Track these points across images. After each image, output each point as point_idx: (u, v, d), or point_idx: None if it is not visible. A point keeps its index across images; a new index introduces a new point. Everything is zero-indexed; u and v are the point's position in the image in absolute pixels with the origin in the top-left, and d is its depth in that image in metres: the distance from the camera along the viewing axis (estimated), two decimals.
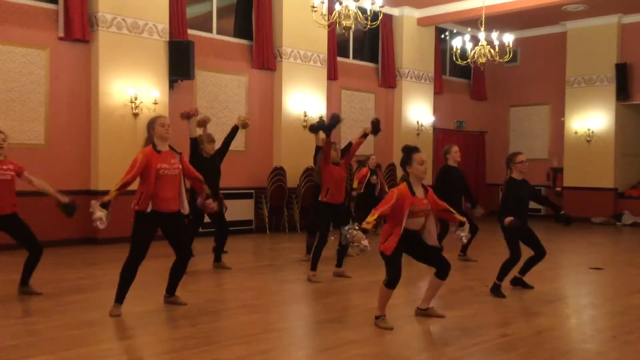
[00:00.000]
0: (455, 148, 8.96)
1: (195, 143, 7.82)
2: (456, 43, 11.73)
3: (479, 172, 17.80)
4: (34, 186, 6.45)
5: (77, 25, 10.07)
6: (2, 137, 6.22)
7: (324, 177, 7.48)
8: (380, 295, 5.40)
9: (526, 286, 7.11)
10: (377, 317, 5.43)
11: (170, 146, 5.66)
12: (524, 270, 7.09)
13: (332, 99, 14.05)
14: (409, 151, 5.42)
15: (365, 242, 4.96)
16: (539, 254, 6.94)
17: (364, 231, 5.01)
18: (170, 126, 5.60)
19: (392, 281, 5.27)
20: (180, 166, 5.64)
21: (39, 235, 6.60)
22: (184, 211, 5.74)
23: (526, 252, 6.84)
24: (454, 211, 5.67)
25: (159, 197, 5.47)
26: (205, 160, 7.85)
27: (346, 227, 5.05)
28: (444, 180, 8.79)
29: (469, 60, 11.80)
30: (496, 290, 6.76)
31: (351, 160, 8.68)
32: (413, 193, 5.26)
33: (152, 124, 5.62)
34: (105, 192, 11.06)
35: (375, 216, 5.14)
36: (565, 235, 12.93)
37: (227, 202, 12.26)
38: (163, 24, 10.97)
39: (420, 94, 15.69)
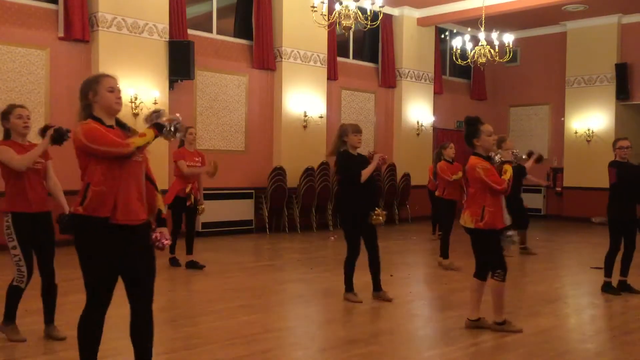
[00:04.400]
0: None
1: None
2: (456, 43, 11.74)
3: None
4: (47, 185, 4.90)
5: (77, 25, 10.07)
6: (27, 113, 4.80)
7: (440, 176, 8.51)
8: (497, 294, 5.16)
9: (632, 290, 6.86)
10: (501, 324, 5.23)
11: None
12: (624, 270, 6.90)
13: (332, 99, 14.05)
14: (475, 122, 5.19)
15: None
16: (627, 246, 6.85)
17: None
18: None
19: (504, 268, 5.12)
20: None
21: None
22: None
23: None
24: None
25: None
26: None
27: (508, 233, 5.10)
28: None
29: (469, 60, 11.81)
30: (606, 288, 6.85)
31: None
32: (488, 160, 5.17)
33: None
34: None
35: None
36: (565, 235, 12.93)
37: (227, 202, 12.35)
38: (163, 24, 10.97)
39: (420, 94, 15.69)
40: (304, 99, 13.10)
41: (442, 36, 15.73)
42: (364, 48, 15.30)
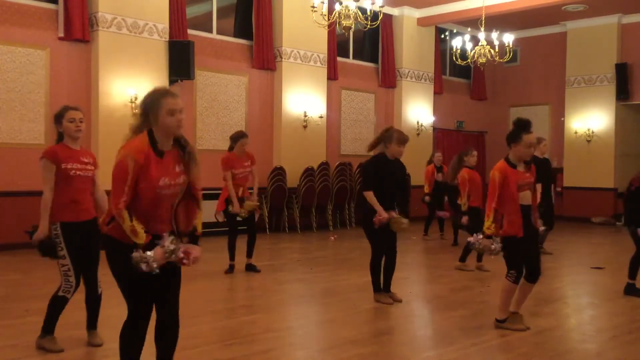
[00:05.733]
0: None
1: None
2: (456, 43, 11.74)
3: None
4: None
5: (77, 25, 10.07)
6: (80, 116, 4.67)
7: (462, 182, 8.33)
8: (504, 292, 5.29)
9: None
10: (501, 321, 5.33)
11: None
12: (633, 273, 6.78)
13: (332, 99, 14.05)
14: (522, 128, 5.26)
15: (494, 247, 5.02)
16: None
17: (489, 237, 5.02)
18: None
19: (519, 270, 5.17)
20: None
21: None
22: None
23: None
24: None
25: None
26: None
27: (472, 239, 5.14)
28: None
29: (469, 60, 11.81)
30: (630, 290, 6.74)
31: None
32: (514, 167, 5.18)
33: None
34: (105, 192, 11.04)
35: (492, 217, 4.99)
36: (565, 235, 12.92)
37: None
38: (163, 24, 10.97)
39: (420, 94, 15.69)
40: (304, 99, 13.10)
41: (442, 36, 15.73)
42: (364, 48, 15.30)
